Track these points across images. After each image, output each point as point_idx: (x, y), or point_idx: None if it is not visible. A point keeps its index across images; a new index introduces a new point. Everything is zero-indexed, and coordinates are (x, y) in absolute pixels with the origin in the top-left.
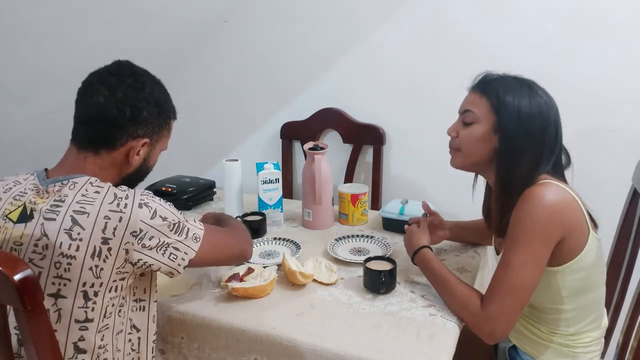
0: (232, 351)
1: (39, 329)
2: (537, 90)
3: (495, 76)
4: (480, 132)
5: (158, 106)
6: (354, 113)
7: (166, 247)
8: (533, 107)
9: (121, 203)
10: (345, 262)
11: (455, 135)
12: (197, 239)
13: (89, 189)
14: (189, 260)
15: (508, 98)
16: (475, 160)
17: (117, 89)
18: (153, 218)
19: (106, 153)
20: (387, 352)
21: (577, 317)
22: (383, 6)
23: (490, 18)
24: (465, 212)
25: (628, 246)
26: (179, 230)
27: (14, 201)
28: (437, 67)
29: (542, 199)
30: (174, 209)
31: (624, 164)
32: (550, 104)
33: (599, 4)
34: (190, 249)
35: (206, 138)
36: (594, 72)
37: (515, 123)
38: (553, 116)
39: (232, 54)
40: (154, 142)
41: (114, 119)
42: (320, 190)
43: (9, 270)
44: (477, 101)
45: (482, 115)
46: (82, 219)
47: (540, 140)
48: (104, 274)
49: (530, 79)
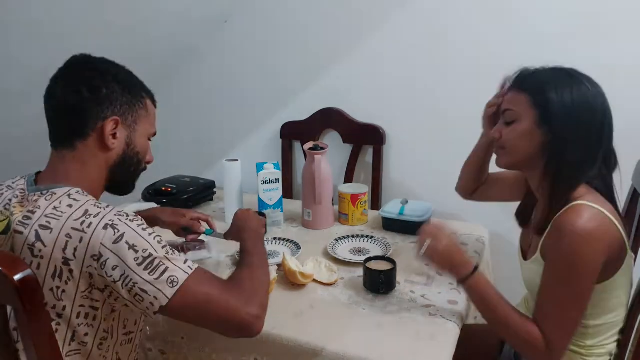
0: (233, 351)
1: (38, 329)
2: (580, 78)
3: (532, 71)
4: (521, 128)
5: (119, 83)
6: (354, 113)
7: (132, 284)
8: (575, 95)
9: (87, 221)
10: (345, 262)
11: (499, 135)
12: (174, 283)
13: (64, 201)
14: (159, 306)
15: (548, 89)
16: (520, 158)
17: (71, 76)
18: (116, 243)
19: (81, 144)
20: (387, 352)
21: (598, 332)
22: (383, 6)
23: (490, 19)
24: (465, 212)
25: None
26: (151, 266)
27: (4, 210)
28: (437, 67)
29: (578, 231)
30: (156, 240)
31: (624, 164)
32: (596, 91)
33: (599, 4)
34: (161, 293)
35: (206, 138)
36: (594, 72)
37: (560, 112)
38: (600, 104)
39: (232, 54)
40: (131, 122)
41: (74, 103)
42: (320, 190)
43: (9, 270)
44: (516, 98)
45: (522, 111)
46: (45, 235)
47: (588, 129)
48: (66, 297)
49: (571, 68)
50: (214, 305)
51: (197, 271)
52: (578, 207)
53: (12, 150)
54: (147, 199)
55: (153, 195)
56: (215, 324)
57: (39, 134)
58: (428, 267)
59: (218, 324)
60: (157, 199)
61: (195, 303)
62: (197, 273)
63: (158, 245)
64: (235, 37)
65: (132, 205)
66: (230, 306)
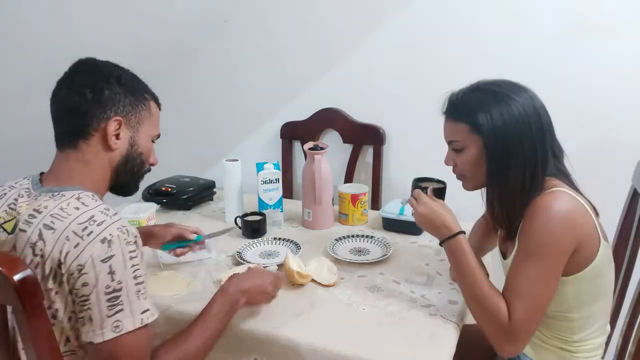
0: (232, 351)
1: (38, 329)
2: (506, 93)
3: (460, 95)
4: (471, 155)
5: (123, 85)
6: (354, 113)
7: (88, 307)
8: (505, 116)
9: (89, 228)
10: (345, 262)
11: (454, 164)
12: (117, 329)
13: (72, 203)
14: (88, 341)
15: (480, 115)
16: (482, 180)
17: (76, 79)
18: (104, 262)
19: (84, 144)
20: (387, 352)
21: (584, 325)
22: (383, 6)
23: (491, 18)
24: (465, 212)
25: (628, 246)
26: (114, 301)
27: (10, 210)
28: (437, 67)
29: (554, 211)
30: (135, 273)
31: (624, 164)
32: (522, 99)
33: (599, 4)
34: (101, 332)
35: (206, 138)
36: (593, 71)
37: (495, 137)
38: (531, 109)
39: (232, 54)
40: (134, 123)
41: (78, 105)
42: (320, 190)
43: (9, 271)
44: (454, 129)
45: (466, 139)
46: (47, 235)
47: (528, 143)
48: (58, 299)
49: (490, 82)
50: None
51: (145, 329)
52: (555, 192)
53: (11, 151)
54: (147, 199)
55: (153, 195)
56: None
57: (39, 133)
58: (428, 266)
59: None
60: (157, 199)
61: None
62: (144, 331)
63: (132, 281)
64: (235, 37)
65: (132, 205)
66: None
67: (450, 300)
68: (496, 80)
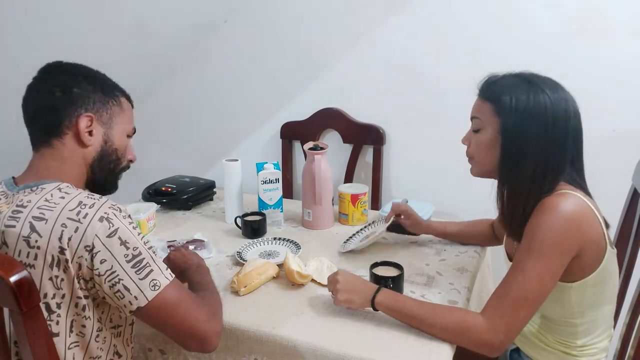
0: (232, 351)
1: (34, 330)
2: (540, 85)
3: (497, 77)
4: (486, 137)
5: (91, 82)
6: (354, 113)
7: (116, 280)
8: (531, 104)
9: (82, 212)
10: (345, 262)
11: (468, 144)
12: (156, 287)
13: (55, 194)
14: (136, 307)
15: (505, 97)
16: (488, 167)
17: (46, 79)
18: (110, 237)
19: (59, 142)
20: (387, 352)
21: (587, 330)
22: (383, 6)
23: (491, 18)
24: (465, 212)
25: (628, 246)
26: (139, 265)
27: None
28: (437, 67)
29: (560, 210)
30: (143, 241)
31: (624, 164)
32: (557, 97)
33: (599, 4)
34: (142, 294)
35: (206, 138)
36: (593, 71)
37: (513, 122)
38: (562, 110)
39: (232, 54)
40: (106, 119)
41: (49, 104)
42: (320, 190)
43: (5, 272)
44: (480, 107)
45: (486, 120)
46: (40, 226)
47: (544, 140)
48: (65, 286)
49: (535, 74)
50: (185, 314)
51: (175, 280)
52: (565, 193)
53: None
54: (147, 199)
55: (153, 195)
56: (180, 332)
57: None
58: (428, 267)
59: (182, 332)
60: (157, 199)
61: (169, 309)
62: (176, 282)
63: (145, 247)
64: (235, 37)
65: (132, 205)
66: (198, 317)
67: (450, 301)
68: (539, 74)
